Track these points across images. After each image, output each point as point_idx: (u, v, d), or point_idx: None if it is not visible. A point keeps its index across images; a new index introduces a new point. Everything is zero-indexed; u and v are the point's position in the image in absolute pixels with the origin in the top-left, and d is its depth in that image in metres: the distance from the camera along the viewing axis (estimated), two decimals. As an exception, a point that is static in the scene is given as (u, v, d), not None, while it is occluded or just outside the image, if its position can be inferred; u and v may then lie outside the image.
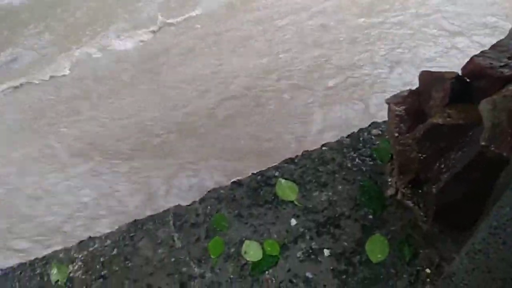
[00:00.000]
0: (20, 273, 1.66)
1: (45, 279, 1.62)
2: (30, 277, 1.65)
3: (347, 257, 1.50)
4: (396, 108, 1.62)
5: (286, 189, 1.71)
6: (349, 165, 1.76)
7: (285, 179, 1.74)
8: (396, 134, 1.58)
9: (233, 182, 1.78)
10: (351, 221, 1.59)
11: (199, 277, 1.52)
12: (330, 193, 1.68)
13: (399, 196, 1.60)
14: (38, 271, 1.65)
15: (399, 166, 1.60)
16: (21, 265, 1.68)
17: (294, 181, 1.74)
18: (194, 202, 1.77)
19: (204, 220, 1.68)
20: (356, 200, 1.64)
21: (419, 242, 1.48)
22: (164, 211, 1.75)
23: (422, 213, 1.52)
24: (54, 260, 1.67)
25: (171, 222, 1.70)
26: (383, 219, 1.57)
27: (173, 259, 1.59)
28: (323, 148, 1.85)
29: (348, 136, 1.85)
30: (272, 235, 1.59)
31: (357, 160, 1.76)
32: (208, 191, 1.79)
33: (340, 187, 1.70)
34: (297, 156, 1.83)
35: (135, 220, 1.73)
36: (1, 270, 1.68)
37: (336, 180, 1.73)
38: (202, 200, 1.76)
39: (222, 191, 1.76)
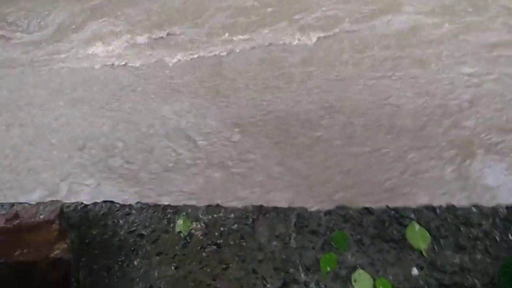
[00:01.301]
0: (154, 212, 1.86)
1: (171, 225, 1.80)
2: (159, 218, 1.84)
3: (464, 333, 1.36)
4: None
5: (418, 236, 1.60)
6: (497, 238, 1.58)
7: (420, 224, 1.64)
8: None
9: (365, 208, 1.74)
10: (480, 297, 1.44)
11: (303, 284, 1.53)
12: (465, 259, 1.53)
13: (549, 295, 1.39)
14: (167, 216, 1.83)
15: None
16: (156, 205, 1.89)
17: (429, 230, 1.62)
18: (319, 211, 1.78)
19: (325, 232, 1.68)
20: (494, 278, 1.47)
21: None
22: (289, 208, 1.79)
23: None
24: (183, 213, 1.84)
25: (293, 221, 1.73)
26: (521, 311, 1.38)
27: (284, 256, 1.62)
28: (473, 208, 1.68)
29: (508, 207, 1.65)
30: (388, 275, 1.52)
31: (509, 236, 1.57)
32: (337, 206, 1.78)
33: (479, 256, 1.54)
34: (440, 206, 1.70)
35: (261, 206, 1.81)
36: (140, 203, 1.90)
37: (476, 247, 1.56)
38: (328, 213, 1.75)
39: (351, 211, 1.73)
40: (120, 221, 1.84)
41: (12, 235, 1.57)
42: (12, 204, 1.94)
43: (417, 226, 1.63)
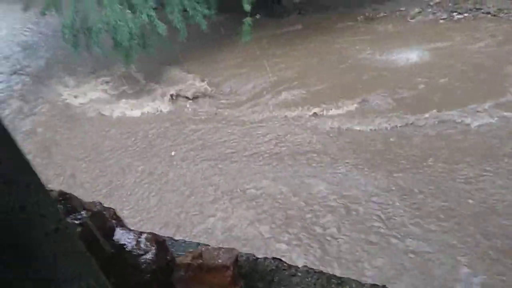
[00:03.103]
0: (318, 278, 1.87)
1: (332, 298, 1.77)
2: (322, 286, 1.83)
3: None
4: None
5: None
6: None
7: None
8: None
9: None
10: None
11: None
12: None
13: None
14: (331, 286, 1.81)
15: None
16: (321, 273, 1.89)
17: None
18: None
19: None
20: None
21: None
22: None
23: None
24: (347, 286, 1.80)
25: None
26: None
27: None
28: None
29: None
30: None
31: None
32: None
33: None
34: None
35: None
36: (307, 267, 1.94)
37: None
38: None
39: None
40: (285, 281, 1.90)
41: (195, 272, 1.78)
42: (198, 244, 2.21)
43: None
